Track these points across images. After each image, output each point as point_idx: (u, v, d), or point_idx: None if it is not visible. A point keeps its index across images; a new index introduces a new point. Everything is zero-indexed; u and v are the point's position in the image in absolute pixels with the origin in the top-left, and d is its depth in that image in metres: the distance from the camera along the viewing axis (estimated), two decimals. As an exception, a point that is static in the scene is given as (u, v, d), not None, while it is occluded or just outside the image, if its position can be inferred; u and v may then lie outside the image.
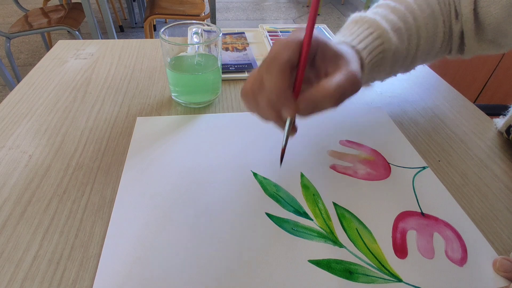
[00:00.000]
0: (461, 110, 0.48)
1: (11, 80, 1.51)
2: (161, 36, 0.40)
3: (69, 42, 0.60)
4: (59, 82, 0.49)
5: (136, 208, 0.31)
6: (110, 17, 1.54)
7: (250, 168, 0.36)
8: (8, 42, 1.50)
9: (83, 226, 0.30)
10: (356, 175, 0.37)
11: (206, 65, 0.45)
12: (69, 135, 0.39)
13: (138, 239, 0.29)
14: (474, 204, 0.34)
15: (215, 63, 0.44)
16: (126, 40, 0.61)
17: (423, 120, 0.46)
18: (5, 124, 0.40)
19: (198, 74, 0.44)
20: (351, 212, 0.33)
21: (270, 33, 0.65)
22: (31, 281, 0.26)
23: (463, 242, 0.31)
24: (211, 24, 0.44)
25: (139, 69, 0.53)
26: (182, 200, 0.33)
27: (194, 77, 0.44)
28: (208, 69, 0.44)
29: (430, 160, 0.39)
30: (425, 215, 0.33)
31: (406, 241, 0.30)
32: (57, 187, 0.33)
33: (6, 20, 2.62)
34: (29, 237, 0.28)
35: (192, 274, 0.27)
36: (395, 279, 0.27)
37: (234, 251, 0.29)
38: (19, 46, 2.25)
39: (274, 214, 0.32)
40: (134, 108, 0.45)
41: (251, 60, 0.56)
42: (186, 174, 0.35)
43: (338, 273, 0.27)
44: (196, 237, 0.29)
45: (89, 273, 0.26)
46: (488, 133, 0.44)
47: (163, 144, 0.39)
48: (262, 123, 0.43)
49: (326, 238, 0.30)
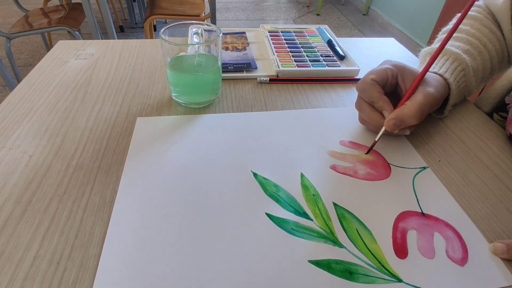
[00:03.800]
0: (461, 110, 0.48)
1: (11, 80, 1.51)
2: (161, 36, 0.40)
3: (69, 43, 0.60)
4: (59, 82, 0.49)
5: (136, 208, 0.31)
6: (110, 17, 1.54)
7: (250, 168, 0.36)
8: (8, 42, 1.50)
9: (83, 226, 0.30)
10: (356, 175, 0.37)
11: (206, 65, 0.45)
12: (69, 135, 0.39)
13: (138, 239, 0.29)
14: (474, 204, 0.34)
15: (215, 63, 0.44)
16: (126, 40, 0.61)
17: (423, 120, 0.46)
18: (5, 124, 0.40)
19: (198, 74, 0.44)
20: (351, 212, 0.33)
21: (271, 33, 0.65)
22: (31, 281, 0.26)
23: (463, 242, 0.31)
24: (211, 24, 0.44)
25: (139, 69, 0.53)
26: (182, 200, 0.33)
27: (194, 77, 0.44)
28: (208, 69, 0.44)
29: (430, 160, 0.39)
30: (426, 215, 0.33)
31: (406, 241, 0.30)
32: (57, 187, 0.33)
33: (6, 20, 2.62)
34: (29, 237, 0.28)
35: (192, 274, 0.27)
36: (395, 279, 0.27)
37: (234, 251, 0.29)
38: (19, 47, 2.25)
39: (274, 214, 0.32)
40: (134, 108, 0.45)
41: (250, 60, 0.56)
42: (186, 174, 0.35)
43: (338, 273, 0.27)
44: (196, 237, 0.29)
45: (89, 273, 0.26)
46: (488, 133, 0.44)
47: (163, 144, 0.39)
48: (262, 123, 0.43)
49: (326, 238, 0.30)
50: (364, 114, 0.41)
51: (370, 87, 0.39)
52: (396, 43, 0.68)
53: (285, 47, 0.60)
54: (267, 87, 0.51)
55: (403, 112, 0.37)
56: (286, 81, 0.52)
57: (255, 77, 0.53)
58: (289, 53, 0.58)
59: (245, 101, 0.48)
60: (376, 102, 0.39)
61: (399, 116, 0.36)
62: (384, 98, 0.39)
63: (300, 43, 0.62)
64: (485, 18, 0.49)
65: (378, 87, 0.39)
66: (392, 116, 0.37)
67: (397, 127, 0.37)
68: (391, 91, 0.42)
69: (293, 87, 0.52)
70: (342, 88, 0.52)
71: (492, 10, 0.50)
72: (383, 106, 0.38)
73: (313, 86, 0.52)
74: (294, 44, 0.61)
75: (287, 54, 0.58)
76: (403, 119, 0.36)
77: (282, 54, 0.57)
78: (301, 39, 0.64)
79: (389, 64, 0.41)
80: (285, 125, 0.43)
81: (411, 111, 0.36)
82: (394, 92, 0.42)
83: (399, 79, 0.41)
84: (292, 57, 0.57)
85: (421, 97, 0.37)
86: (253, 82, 0.52)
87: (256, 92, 0.50)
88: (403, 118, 0.36)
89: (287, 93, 0.50)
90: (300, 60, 0.56)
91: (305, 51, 0.59)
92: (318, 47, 0.61)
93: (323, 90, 0.51)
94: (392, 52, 0.65)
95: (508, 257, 0.29)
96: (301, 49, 0.60)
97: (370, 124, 0.42)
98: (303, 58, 0.57)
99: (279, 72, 0.53)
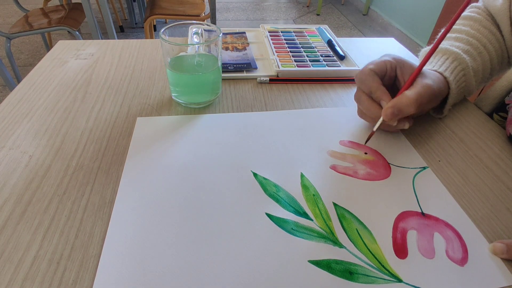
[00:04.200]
0: (461, 110, 0.48)
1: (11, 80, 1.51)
2: (161, 36, 0.40)
3: (69, 43, 0.60)
4: (59, 82, 0.49)
5: (136, 208, 0.31)
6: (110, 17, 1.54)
7: (250, 168, 0.36)
8: (8, 42, 1.50)
9: (83, 226, 0.30)
10: (356, 175, 0.37)
11: (206, 65, 0.45)
12: (69, 136, 0.39)
13: (138, 239, 0.29)
14: (474, 204, 0.34)
15: (215, 63, 0.44)
16: (126, 40, 0.61)
17: (423, 120, 0.46)
18: (5, 125, 0.40)
19: (198, 74, 0.44)
20: (351, 212, 0.33)
21: (271, 33, 0.65)
22: (31, 281, 0.26)
23: (463, 242, 0.31)
24: (211, 24, 0.44)
25: (139, 69, 0.53)
26: (182, 200, 0.33)
27: (194, 77, 0.44)
28: (208, 69, 0.44)
29: (430, 160, 0.39)
30: (426, 215, 0.33)
31: (406, 241, 0.30)
32: (57, 187, 0.33)
33: (6, 20, 2.62)
34: (29, 237, 0.28)
35: (192, 274, 0.27)
36: (395, 279, 0.27)
37: (234, 251, 0.29)
38: (19, 47, 2.25)
39: (274, 214, 0.32)
40: (134, 108, 0.45)
41: (250, 60, 0.56)
42: (186, 174, 0.35)
43: (338, 273, 0.27)
44: (196, 237, 0.29)
45: (89, 273, 0.26)
46: (488, 133, 0.44)
47: (163, 144, 0.39)
48: (262, 123, 0.43)
49: (326, 239, 0.30)
50: (362, 105, 0.41)
51: (369, 77, 0.39)
52: (396, 43, 0.68)
53: (285, 47, 0.60)
54: (267, 87, 0.51)
55: (401, 101, 0.36)
56: (286, 81, 0.52)
57: (255, 77, 0.53)
58: (289, 53, 0.58)
59: (245, 101, 0.48)
60: (374, 92, 0.39)
61: (396, 105, 0.36)
62: (382, 89, 0.38)
63: (300, 43, 0.62)
64: (485, 19, 0.49)
65: (376, 78, 0.39)
66: (389, 104, 0.36)
67: (394, 116, 0.36)
68: (390, 84, 0.42)
69: (293, 87, 0.52)
70: (342, 88, 0.52)
71: (492, 11, 0.50)
72: (381, 96, 0.38)
73: (313, 86, 0.52)
74: (294, 44, 0.61)
75: (287, 54, 0.58)
76: (400, 108, 0.36)
77: (282, 54, 0.57)
78: (301, 39, 0.64)
79: (388, 57, 0.41)
80: (285, 125, 0.43)
81: (408, 100, 0.36)
82: (393, 86, 0.42)
83: (398, 72, 0.40)
84: (292, 57, 0.57)
85: (420, 87, 0.37)
86: (253, 82, 0.52)
87: (256, 92, 0.50)
88: (401, 106, 0.36)
89: (287, 93, 0.50)
90: (300, 60, 0.56)
91: (305, 51, 0.59)
92: (318, 47, 0.61)
93: (323, 90, 0.51)
94: (392, 52, 0.64)
95: (508, 257, 0.29)
96: (301, 49, 0.60)
97: (368, 116, 0.41)
98: (303, 58, 0.57)
99: (279, 72, 0.53)
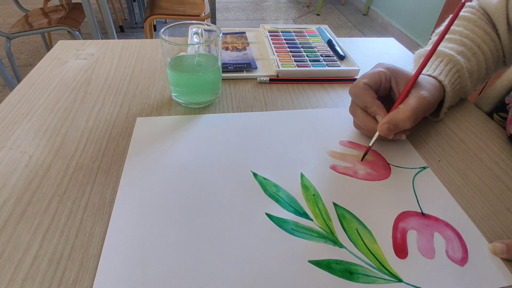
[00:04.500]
0: (461, 110, 0.48)
1: (11, 80, 1.51)
2: (161, 36, 0.40)
3: (69, 43, 0.60)
4: (59, 82, 0.49)
5: (136, 208, 0.31)
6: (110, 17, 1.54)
7: (250, 168, 0.36)
8: (8, 42, 1.50)
9: (83, 226, 0.30)
10: (356, 175, 0.37)
11: (206, 65, 0.45)
12: (69, 136, 0.39)
13: (138, 239, 0.29)
14: (474, 204, 0.34)
15: (215, 63, 0.44)
16: (126, 40, 0.61)
17: (423, 120, 0.46)
18: (5, 125, 0.40)
19: (198, 74, 0.44)
20: (351, 212, 0.33)
21: (271, 33, 0.65)
22: (31, 281, 0.26)
23: (463, 242, 0.31)
24: (211, 24, 0.44)
25: (139, 69, 0.53)
26: (182, 200, 0.33)
27: (194, 77, 0.44)
28: (208, 69, 0.44)
29: (430, 160, 0.39)
30: (426, 215, 0.33)
31: (406, 241, 0.30)
32: (57, 187, 0.33)
33: (6, 20, 2.62)
34: (29, 237, 0.28)
35: (192, 274, 0.27)
36: (395, 279, 0.27)
37: (234, 251, 0.29)
38: (19, 46, 2.25)
39: (274, 214, 0.32)
40: (134, 108, 0.45)
41: (250, 60, 0.56)
42: (186, 174, 0.35)
43: (338, 273, 0.27)
44: (196, 237, 0.29)
45: (89, 273, 0.26)
46: (488, 133, 0.44)
47: (163, 144, 0.39)
48: (262, 123, 0.43)
49: (326, 239, 0.30)
50: (357, 119, 0.40)
51: (363, 92, 0.38)
52: (396, 43, 0.68)
53: (285, 47, 0.60)
54: (267, 87, 0.51)
55: (397, 116, 0.36)
56: (286, 81, 0.52)
57: (255, 77, 0.53)
58: (289, 53, 0.58)
59: (245, 101, 0.48)
60: (369, 108, 0.38)
61: (392, 120, 0.36)
62: (377, 103, 0.38)
63: (300, 43, 0.62)
64: (479, 19, 0.48)
65: (371, 92, 0.38)
66: (385, 120, 0.36)
67: (390, 131, 0.36)
68: (385, 95, 0.41)
69: (293, 87, 0.52)
70: (342, 88, 0.52)
71: (487, 10, 0.49)
72: (376, 111, 0.38)
73: (313, 86, 0.52)
74: (294, 44, 0.61)
75: (287, 54, 0.58)
76: (396, 123, 0.36)
77: (282, 54, 0.57)
78: (301, 39, 0.64)
79: (382, 67, 0.40)
80: (285, 125, 0.43)
81: (404, 115, 0.36)
82: (388, 96, 0.41)
83: (393, 82, 0.40)
84: (292, 57, 0.57)
85: (415, 101, 0.36)
86: (253, 82, 0.52)
87: (256, 92, 0.50)
88: (397, 122, 0.36)
89: (287, 93, 0.50)
90: (300, 60, 0.56)
91: (305, 51, 0.59)
92: (318, 47, 0.61)
93: (323, 90, 0.51)
94: (392, 52, 0.65)
95: (508, 257, 0.29)
96: (301, 49, 0.60)
97: (364, 129, 0.41)
98: (303, 58, 0.57)
99: (279, 72, 0.53)
